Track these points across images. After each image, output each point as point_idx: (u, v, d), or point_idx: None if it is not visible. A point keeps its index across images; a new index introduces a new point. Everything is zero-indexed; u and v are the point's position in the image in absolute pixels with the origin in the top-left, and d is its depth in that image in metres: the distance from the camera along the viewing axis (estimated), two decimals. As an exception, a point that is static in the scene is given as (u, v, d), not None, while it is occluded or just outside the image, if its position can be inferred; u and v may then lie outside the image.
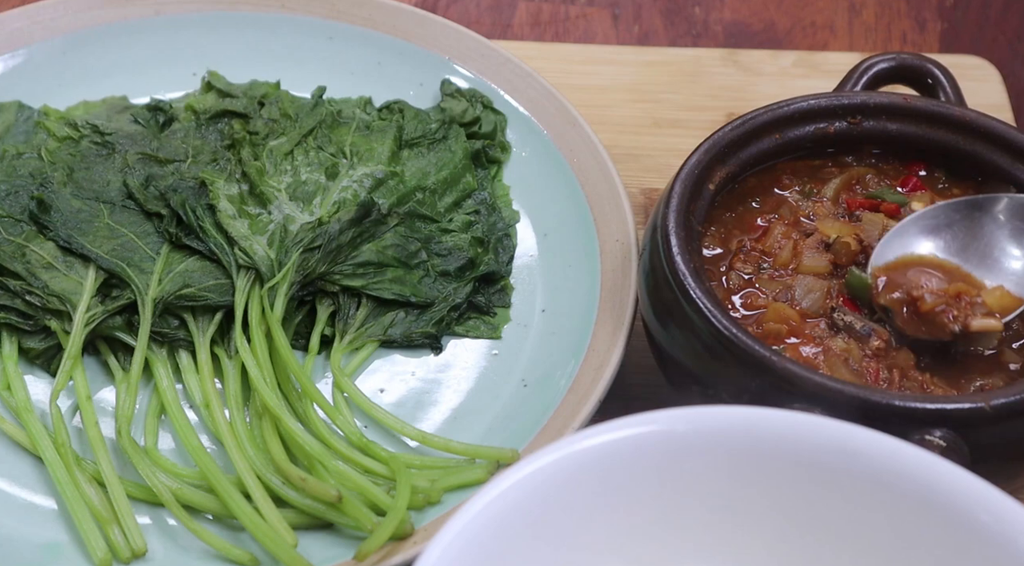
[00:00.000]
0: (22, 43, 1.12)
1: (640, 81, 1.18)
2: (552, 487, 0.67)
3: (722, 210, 0.92)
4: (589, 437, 0.68)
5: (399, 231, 1.00)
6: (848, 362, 0.83)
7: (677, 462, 0.69)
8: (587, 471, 0.68)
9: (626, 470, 0.69)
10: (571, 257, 1.01)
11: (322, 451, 0.88)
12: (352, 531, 0.86)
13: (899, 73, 0.98)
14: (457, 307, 0.98)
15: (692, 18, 1.29)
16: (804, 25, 1.28)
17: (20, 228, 0.98)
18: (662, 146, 1.13)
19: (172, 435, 0.93)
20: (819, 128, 0.94)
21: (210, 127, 1.06)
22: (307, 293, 0.97)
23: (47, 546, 0.87)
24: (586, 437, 0.68)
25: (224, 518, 0.88)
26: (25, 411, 0.91)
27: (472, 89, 1.10)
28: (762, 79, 1.19)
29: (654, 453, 0.69)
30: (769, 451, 0.69)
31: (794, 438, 0.69)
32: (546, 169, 1.06)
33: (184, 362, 0.94)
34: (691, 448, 0.69)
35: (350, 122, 1.06)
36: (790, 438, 0.69)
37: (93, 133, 1.05)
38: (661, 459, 0.69)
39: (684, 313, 0.83)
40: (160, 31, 1.14)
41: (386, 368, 0.97)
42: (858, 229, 0.89)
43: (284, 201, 0.99)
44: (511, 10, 1.30)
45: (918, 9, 1.30)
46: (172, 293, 0.94)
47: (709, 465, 0.69)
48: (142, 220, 0.99)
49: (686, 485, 0.70)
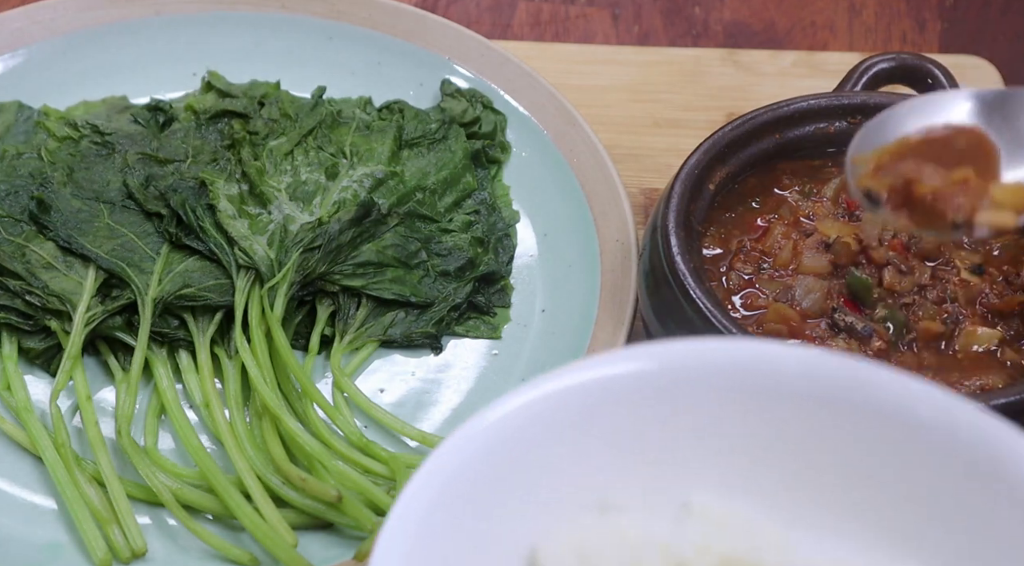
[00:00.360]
0: (22, 43, 1.12)
1: (640, 81, 1.18)
2: (541, 425, 0.67)
3: (722, 210, 0.92)
4: (582, 371, 0.67)
5: (399, 231, 1.00)
6: (848, 362, 0.83)
7: (673, 398, 0.68)
8: (575, 409, 0.67)
9: (624, 405, 0.68)
10: (571, 257, 1.01)
11: (322, 451, 0.88)
12: (352, 531, 0.86)
13: (899, 73, 0.98)
14: (457, 307, 0.98)
15: (692, 18, 1.29)
16: (804, 25, 1.28)
17: (20, 228, 0.98)
18: (662, 146, 1.13)
19: (172, 435, 0.93)
20: (819, 128, 0.94)
21: (210, 127, 1.06)
22: (307, 293, 0.97)
23: (47, 546, 0.87)
24: (578, 371, 0.67)
25: (224, 518, 0.88)
26: (25, 411, 0.91)
27: (472, 89, 1.10)
28: (762, 79, 1.19)
29: (651, 388, 0.68)
30: (769, 385, 0.67)
31: (790, 370, 0.67)
32: (546, 169, 1.06)
33: (184, 362, 0.94)
34: (688, 383, 0.67)
35: (350, 122, 1.06)
36: (788, 370, 0.67)
37: (93, 133, 1.05)
38: (658, 394, 0.68)
39: (684, 313, 0.83)
40: (160, 31, 1.14)
41: (386, 368, 0.97)
42: (858, 229, 0.89)
43: (284, 201, 0.99)
44: (511, 10, 1.30)
45: (918, 9, 1.30)
46: (172, 293, 0.94)
47: (704, 399, 0.68)
48: (142, 220, 0.99)
49: (686, 420, 0.68)
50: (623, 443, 0.69)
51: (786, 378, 0.67)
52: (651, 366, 0.68)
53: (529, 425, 0.66)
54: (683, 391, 0.68)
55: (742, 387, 0.68)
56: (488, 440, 0.65)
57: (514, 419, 0.66)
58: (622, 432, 0.69)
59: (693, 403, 0.68)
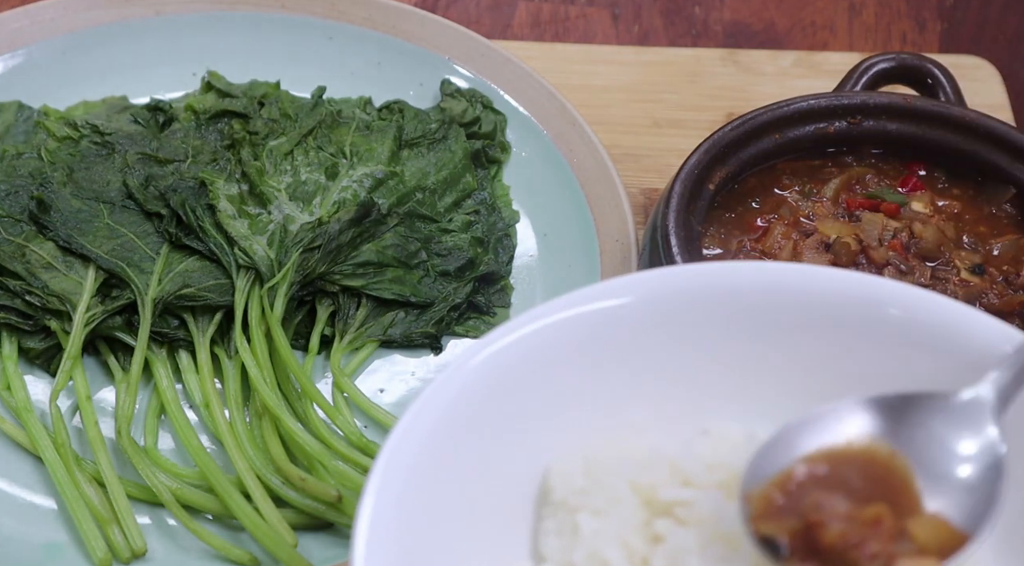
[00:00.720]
0: (22, 43, 1.12)
1: (640, 81, 1.18)
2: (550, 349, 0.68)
3: (722, 210, 0.92)
4: (589, 298, 0.68)
5: (399, 231, 1.00)
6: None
7: (682, 321, 0.69)
8: (586, 333, 0.68)
9: (637, 329, 0.69)
10: (571, 257, 1.01)
11: (322, 451, 0.88)
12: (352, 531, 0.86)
13: (899, 73, 0.98)
14: (457, 307, 0.98)
15: (692, 18, 1.29)
16: (804, 25, 1.28)
17: (20, 228, 0.98)
18: (662, 146, 1.13)
19: (172, 435, 0.92)
20: (819, 128, 0.94)
21: (210, 127, 1.06)
22: (307, 293, 0.97)
23: (47, 546, 0.87)
24: (585, 298, 0.68)
25: (224, 518, 0.88)
26: (25, 411, 0.91)
27: (472, 89, 1.10)
28: (762, 79, 1.19)
29: (659, 313, 0.69)
30: (775, 304, 0.69)
31: (801, 287, 0.68)
32: (546, 169, 1.06)
33: (184, 362, 0.94)
34: (696, 306, 0.69)
35: (350, 122, 1.06)
36: (796, 287, 0.68)
37: (93, 133, 1.05)
38: (667, 318, 0.69)
39: (684, 313, 0.83)
40: (160, 31, 1.14)
41: (386, 368, 0.97)
42: (858, 229, 0.89)
43: (284, 201, 0.99)
44: (511, 10, 1.30)
45: (918, 9, 1.30)
46: (172, 293, 0.94)
47: (709, 319, 0.69)
48: (142, 220, 0.99)
49: (698, 343, 0.70)
50: (637, 364, 0.69)
51: (790, 296, 0.68)
52: (658, 291, 0.68)
53: (539, 349, 0.67)
54: (692, 315, 0.69)
55: (749, 307, 0.68)
56: (496, 364, 0.66)
57: (521, 345, 0.67)
58: (635, 354, 0.69)
59: (704, 326, 0.69)
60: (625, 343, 0.69)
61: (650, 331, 0.69)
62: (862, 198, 0.92)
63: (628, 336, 0.69)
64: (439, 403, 0.64)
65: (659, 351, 0.70)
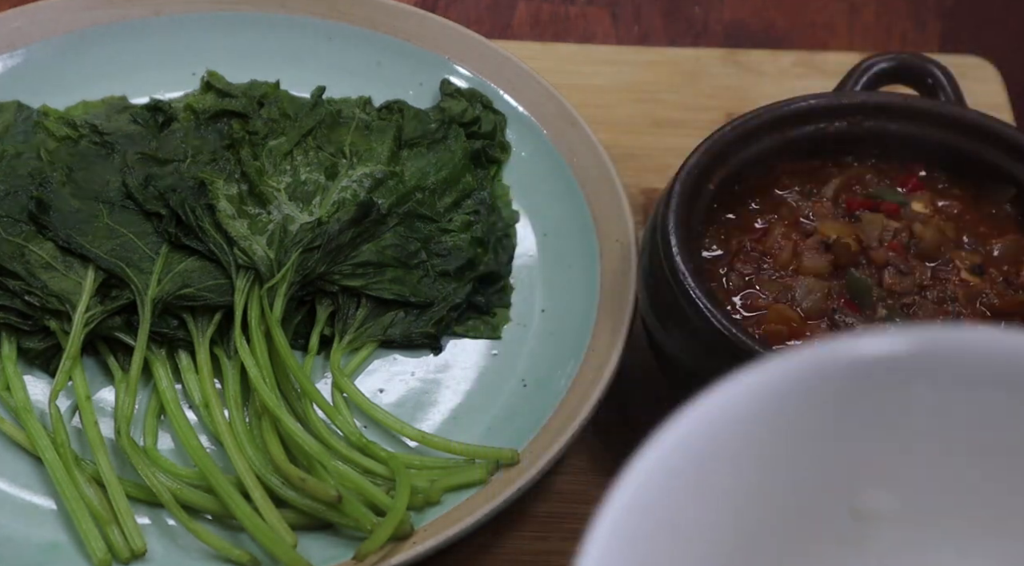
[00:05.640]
0: (22, 43, 1.11)
1: (640, 81, 1.18)
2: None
3: (722, 210, 0.92)
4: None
5: (399, 231, 1.00)
6: (848, 362, 0.82)
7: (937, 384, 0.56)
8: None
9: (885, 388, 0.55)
10: (571, 257, 1.01)
11: (322, 451, 0.88)
12: (352, 531, 0.86)
13: (899, 73, 0.98)
14: (457, 307, 0.98)
15: (692, 18, 1.29)
16: (804, 25, 1.28)
17: (19, 228, 0.98)
18: (662, 146, 1.13)
19: (172, 435, 0.92)
20: (819, 128, 0.94)
21: (209, 127, 1.06)
22: (306, 293, 0.97)
23: (47, 546, 0.87)
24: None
25: (224, 518, 0.88)
26: (24, 411, 0.91)
27: (472, 89, 1.10)
28: (762, 79, 1.19)
29: (910, 370, 0.55)
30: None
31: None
32: (546, 169, 1.06)
33: (184, 362, 0.94)
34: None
35: (349, 122, 1.06)
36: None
37: (92, 133, 1.05)
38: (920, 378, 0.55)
39: (684, 313, 0.83)
40: (160, 31, 1.14)
41: (385, 368, 0.97)
42: (858, 229, 0.89)
43: (284, 201, 0.99)
44: (511, 10, 1.30)
45: (918, 9, 1.30)
46: (171, 293, 0.94)
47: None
48: (141, 220, 0.99)
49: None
50: (884, 428, 0.56)
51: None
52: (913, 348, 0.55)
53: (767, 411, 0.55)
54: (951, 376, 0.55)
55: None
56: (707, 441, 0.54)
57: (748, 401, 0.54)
58: (884, 415, 0.56)
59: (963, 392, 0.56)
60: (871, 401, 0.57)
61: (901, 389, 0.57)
62: (862, 198, 0.92)
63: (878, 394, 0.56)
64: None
65: (913, 412, 0.57)
